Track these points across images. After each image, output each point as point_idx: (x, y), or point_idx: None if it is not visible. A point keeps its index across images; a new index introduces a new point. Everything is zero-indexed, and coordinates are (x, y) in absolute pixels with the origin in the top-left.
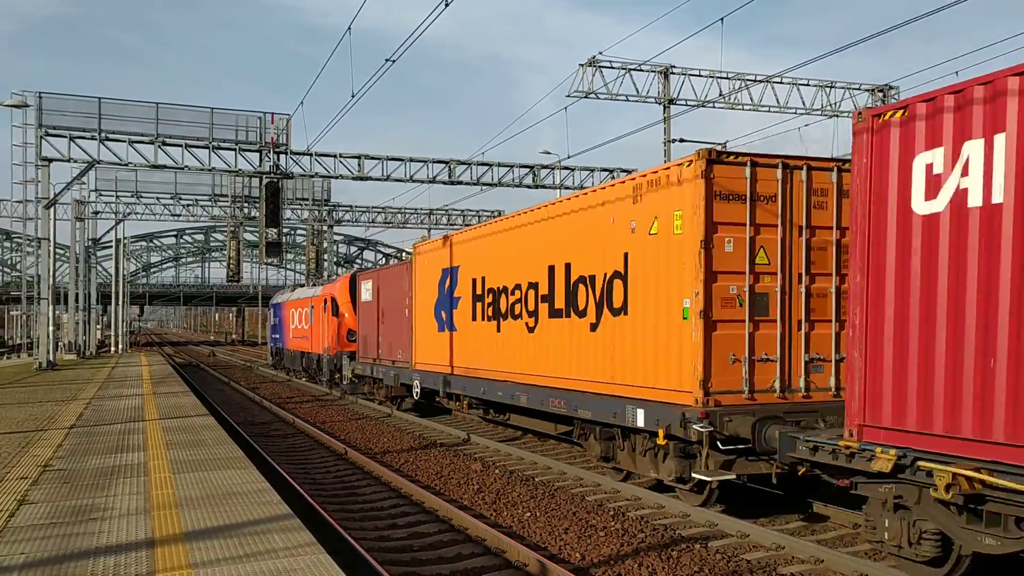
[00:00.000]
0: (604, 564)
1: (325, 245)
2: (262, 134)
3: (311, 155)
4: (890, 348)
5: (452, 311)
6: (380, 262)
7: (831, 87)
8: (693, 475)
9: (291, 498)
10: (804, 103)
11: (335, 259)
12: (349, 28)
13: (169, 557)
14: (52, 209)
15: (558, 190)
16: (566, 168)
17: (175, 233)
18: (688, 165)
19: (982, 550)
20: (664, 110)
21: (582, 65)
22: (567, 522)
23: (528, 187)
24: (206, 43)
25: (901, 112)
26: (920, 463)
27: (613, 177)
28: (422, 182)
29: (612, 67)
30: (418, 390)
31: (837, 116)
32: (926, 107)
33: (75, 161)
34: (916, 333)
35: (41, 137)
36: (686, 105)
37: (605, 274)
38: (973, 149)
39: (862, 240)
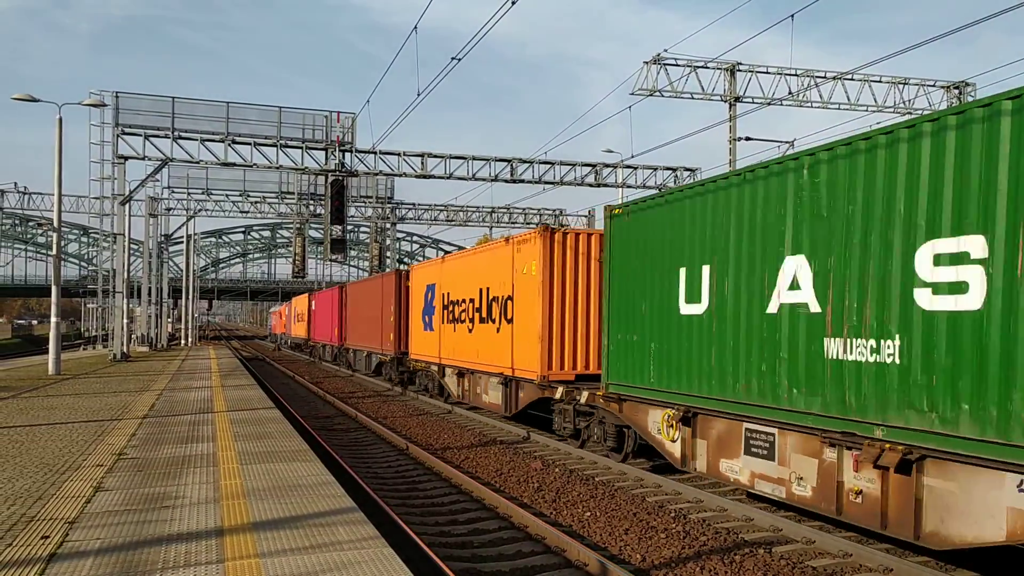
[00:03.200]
0: (665, 566)
1: (388, 242)
2: (328, 132)
3: (375, 153)
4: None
5: (295, 320)
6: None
7: (904, 83)
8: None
9: (354, 491)
10: (876, 100)
11: (397, 256)
12: (415, 27)
13: (238, 546)
14: (127, 205)
15: (620, 189)
16: (628, 167)
17: (243, 229)
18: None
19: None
20: (730, 108)
21: (647, 63)
22: (627, 523)
23: (590, 186)
24: (277, 42)
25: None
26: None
27: (676, 176)
28: (484, 180)
29: (677, 65)
30: (288, 344)
31: (910, 114)
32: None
33: (149, 159)
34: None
35: (117, 136)
36: (753, 103)
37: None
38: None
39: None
